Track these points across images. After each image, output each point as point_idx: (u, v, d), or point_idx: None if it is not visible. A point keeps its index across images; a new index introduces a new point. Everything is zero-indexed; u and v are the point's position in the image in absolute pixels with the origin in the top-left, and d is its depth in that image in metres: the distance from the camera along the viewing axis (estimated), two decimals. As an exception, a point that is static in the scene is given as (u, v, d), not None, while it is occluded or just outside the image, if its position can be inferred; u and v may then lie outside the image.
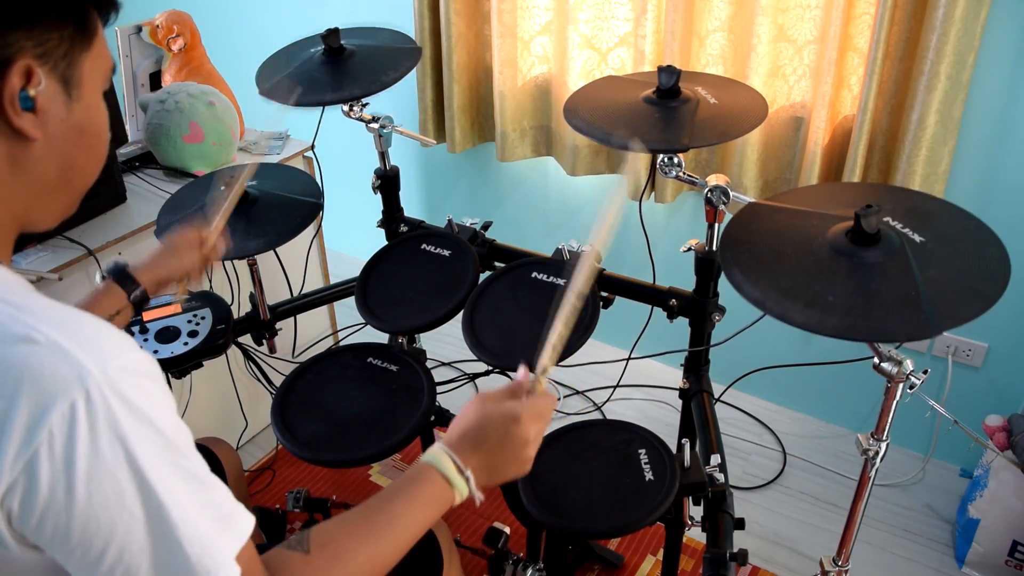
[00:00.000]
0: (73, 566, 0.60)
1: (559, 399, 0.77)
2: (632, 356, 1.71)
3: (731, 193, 1.37)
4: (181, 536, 0.61)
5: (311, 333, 2.38)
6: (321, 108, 1.64)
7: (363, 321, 1.52)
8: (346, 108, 1.71)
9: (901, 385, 1.04)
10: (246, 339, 1.79)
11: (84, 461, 0.57)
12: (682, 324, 1.56)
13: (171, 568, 0.61)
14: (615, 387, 2.35)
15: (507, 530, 1.44)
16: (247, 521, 0.67)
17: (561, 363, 1.30)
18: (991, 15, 1.55)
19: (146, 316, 1.53)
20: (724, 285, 1.21)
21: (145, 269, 1.19)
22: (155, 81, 2.16)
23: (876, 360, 1.04)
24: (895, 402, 1.06)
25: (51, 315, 0.59)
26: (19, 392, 0.55)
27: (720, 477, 1.29)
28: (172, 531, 0.61)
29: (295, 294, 2.09)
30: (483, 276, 1.53)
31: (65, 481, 0.56)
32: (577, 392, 2.37)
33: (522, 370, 0.90)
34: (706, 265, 1.47)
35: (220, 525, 0.65)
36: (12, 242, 0.68)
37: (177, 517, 0.61)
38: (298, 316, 1.91)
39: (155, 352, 1.47)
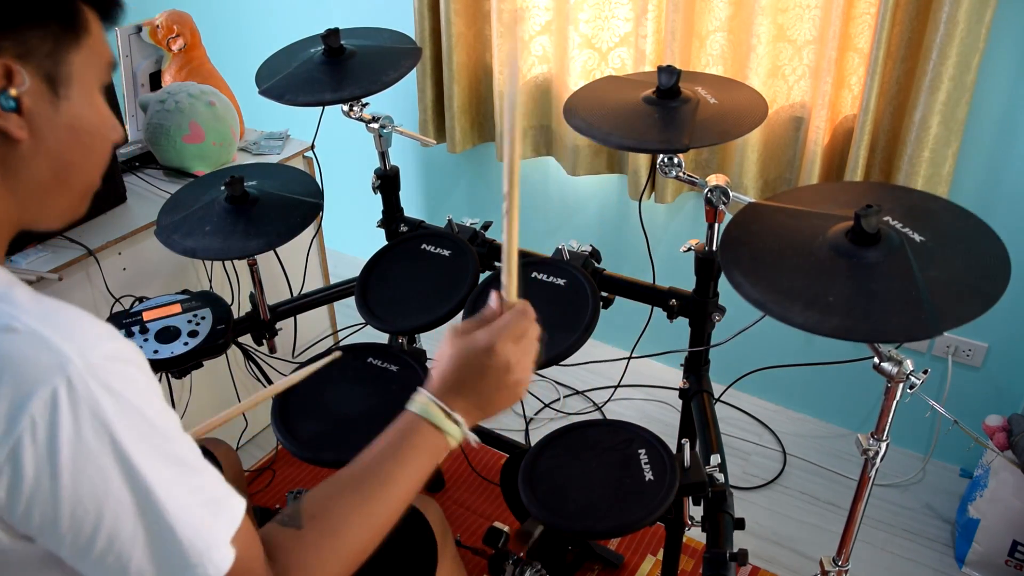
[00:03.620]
0: (65, 553, 0.60)
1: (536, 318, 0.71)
2: (632, 356, 1.71)
3: (731, 193, 1.37)
4: (171, 520, 0.61)
5: (311, 333, 2.37)
6: (321, 108, 1.64)
7: (363, 321, 1.52)
8: (346, 108, 1.71)
9: (901, 385, 1.04)
10: (246, 339, 1.79)
11: (67, 448, 0.57)
12: (682, 324, 1.56)
13: (163, 552, 0.61)
14: (615, 387, 2.35)
15: (507, 529, 1.44)
16: (239, 505, 0.67)
17: (561, 363, 1.30)
18: (996, 16, 1.55)
19: (146, 316, 1.53)
20: (724, 285, 1.21)
21: None
22: (155, 81, 2.16)
23: (876, 360, 1.04)
24: (895, 402, 1.06)
25: (32, 306, 0.59)
26: (0, 381, 0.55)
27: (720, 477, 1.29)
28: (162, 515, 0.61)
29: (295, 294, 2.09)
30: (483, 276, 1.53)
31: (49, 468, 0.56)
32: (577, 392, 2.37)
33: (493, 296, 0.81)
34: (706, 265, 1.47)
35: (211, 509, 0.64)
36: (6, 243, 0.68)
37: (166, 501, 0.61)
38: (298, 316, 1.91)
39: (155, 352, 1.47)
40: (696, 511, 1.31)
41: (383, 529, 0.76)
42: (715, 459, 1.31)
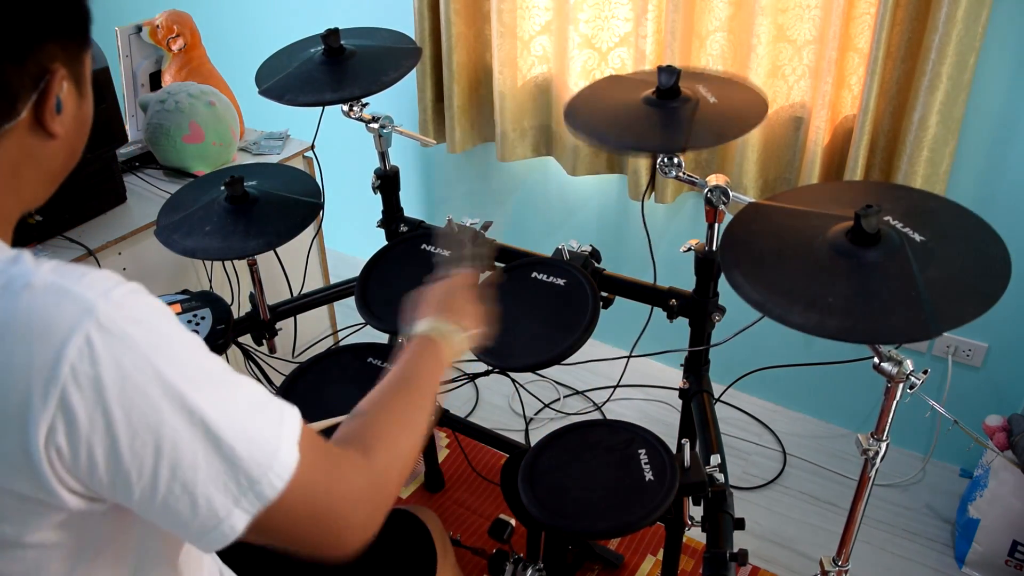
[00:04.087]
0: (135, 496, 0.62)
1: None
2: (632, 356, 1.71)
3: (731, 193, 1.37)
4: (229, 437, 0.63)
5: (311, 333, 2.38)
6: (321, 108, 1.64)
7: (363, 321, 1.52)
8: (346, 108, 1.71)
9: (901, 385, 1.03)
10: (246, 339, 1.79)
11: (112, 385, 0.58)
12: (682, 324, 1.56)
13: (225, 469, 0.63)
14: (615, 387, 2.35)
15: (513, 522, 1.43)
16: (289, 408, 0.69)
17: (561, 363, 1.30)
18: (992, 16, 1.56)
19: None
20: (724, 285, 1.21)
21: None
22: (155, 81, 2.16)
23: (876, 360, 1.04)
24: (895, 402, 1.06)
25: (45, 263, 0.62)
26: (30, 337, 0.57)
27: (720, 477, 1.29)
28: (219, 434, 0.62)
29: (295, 294, 2.09)
30: (483, 276, 1.53)
31: (100, 407, 0.58)
32: (577, 392, 2.37)
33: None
34: (706, 265, 1.47)
35: (262, 417, 0.66)
36: (12, 228, 0.71)
37: (219, 421, 0.62)
38: (298, 316, 1.91)
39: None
40: (696, 511, 1.31)
41: (423, 431, 0.84)
42: (715, 459, 1.31)
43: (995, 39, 1.61)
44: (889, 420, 1.09)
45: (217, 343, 1.52)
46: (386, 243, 1.69)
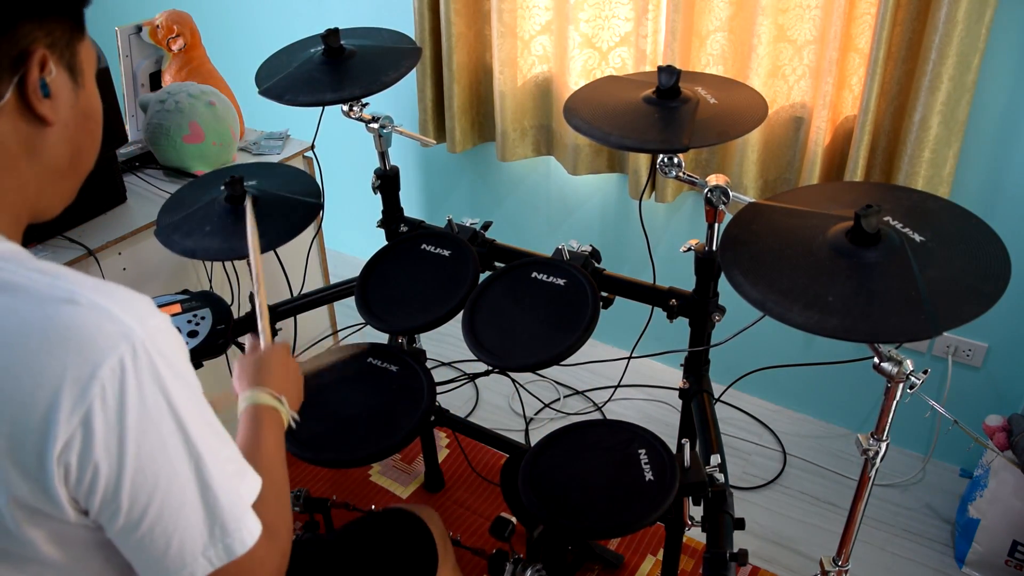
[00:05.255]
0: (117, 527, 0.63)
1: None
2: (632, 356, 1.71)
3: (731, 193, 1.37)
4: (216, 486, 0.65)
5: (311, 333, 2.37)
6: (321, 108, 1.64)
7: (363, 321, 1.52)
8: (346, 108, 1.71)
9: (901, 385, 1.03)
10: (246, 339, 1.79)
11: (134, 413, 0.60)
12: (682, 324, 1.56)
13: (207, 519, 0.65)
14: (615, 387, 2.35)
15: (514, 520, 1.43)
16: (256, 477, 0.72)
17: (561, 363, 1.31)
18: (997, 16, 1.55)
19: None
20: (724, 285, 1.21)
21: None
22: (155, 81, 2.16)
23: (876, 360, 1.04)
24: (895, 402, 1.06)
25: (86, 281, 0.63)
26: (68, 351, 0.58)
27: (720, 477, 1.29)
28: (209, 481, 0.65)
29: (295, 294, 2.09)
30: (483, 276, 1.53)
31: (118, 432, 0.59)
32: (577, 392, 2.37)
33: (249, 338, 1.12)
34: (706, 265, 1.47)
35: (240, 478, 0.69)
36: (23, 230, 0.72)
37: (212, 468, 0.65)
38: (298, 316, 1.90)
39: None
40: (696, 511, 1.31)
41: (285, 485, 0.86)
42: (715, 459, 1.31)
43: (1002, 40, 1.61)
44: (889, 420, 1.09)
45: (217, 343, 1.52)
46: (386, 243, 1.69)
